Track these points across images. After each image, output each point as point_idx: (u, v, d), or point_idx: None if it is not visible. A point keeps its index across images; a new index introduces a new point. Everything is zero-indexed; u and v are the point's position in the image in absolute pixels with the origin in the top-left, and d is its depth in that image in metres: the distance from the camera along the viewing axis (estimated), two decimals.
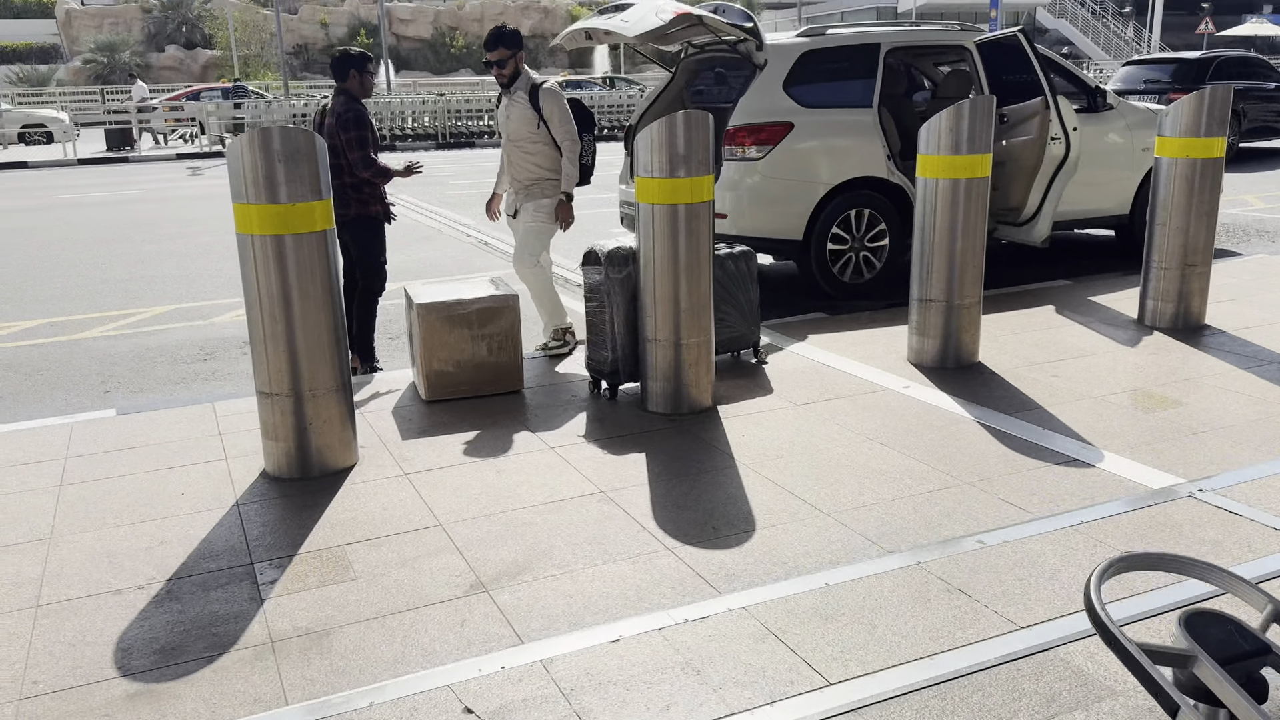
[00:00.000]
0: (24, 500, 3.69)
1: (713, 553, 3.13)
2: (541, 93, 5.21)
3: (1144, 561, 1.89)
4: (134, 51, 44.65)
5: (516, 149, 5.31)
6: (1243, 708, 1.69)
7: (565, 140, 5.24)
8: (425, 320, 4.59)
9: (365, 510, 3.54)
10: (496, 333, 4.71)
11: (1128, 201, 7.75)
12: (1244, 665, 1.83)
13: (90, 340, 6.55)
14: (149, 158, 21.79)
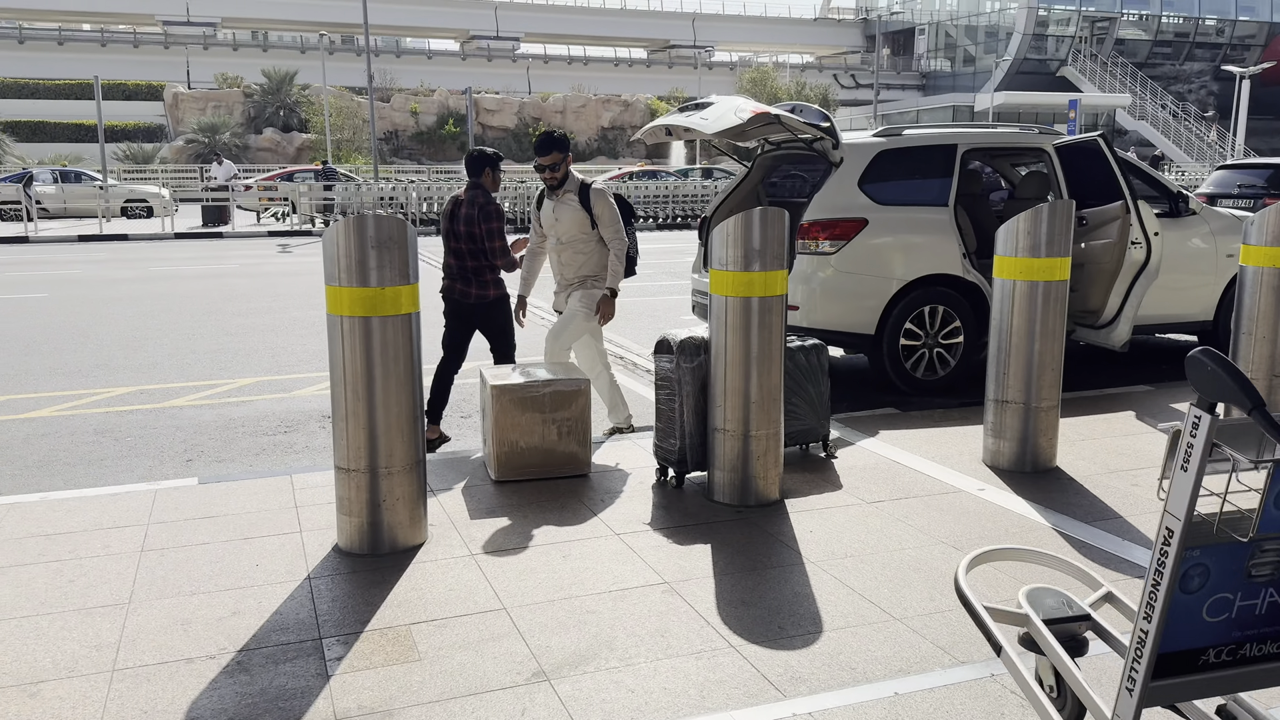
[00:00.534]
0: (106, 564, 3.80)
1: (778, 653, 3.08)
2: (592, 193, 5.39)
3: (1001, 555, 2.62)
4: (234, 133, 46.94)
5: (568, 249, 5.50)
6: (1057, 656, 2.29)
7: (614, 240, 5.45)
8: (498, 401, 4.67)
9: (432, 590, 3.57)
10: (567, 416, 4.77)
11: (1211, 307, 7.61)
12: (1068, 627, 2.40)
13: (177, 409, 6.79)
14: (242, 234, 22.74)
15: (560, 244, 5.50)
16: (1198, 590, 2.03)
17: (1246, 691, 2.13)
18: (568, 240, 5.47)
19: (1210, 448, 1.88)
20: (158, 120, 51.52)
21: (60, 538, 4.07)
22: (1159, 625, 1.99)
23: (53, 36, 57.92)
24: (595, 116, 53.69)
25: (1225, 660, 2.09)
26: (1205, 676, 2.08)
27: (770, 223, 4.26)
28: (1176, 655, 2.05)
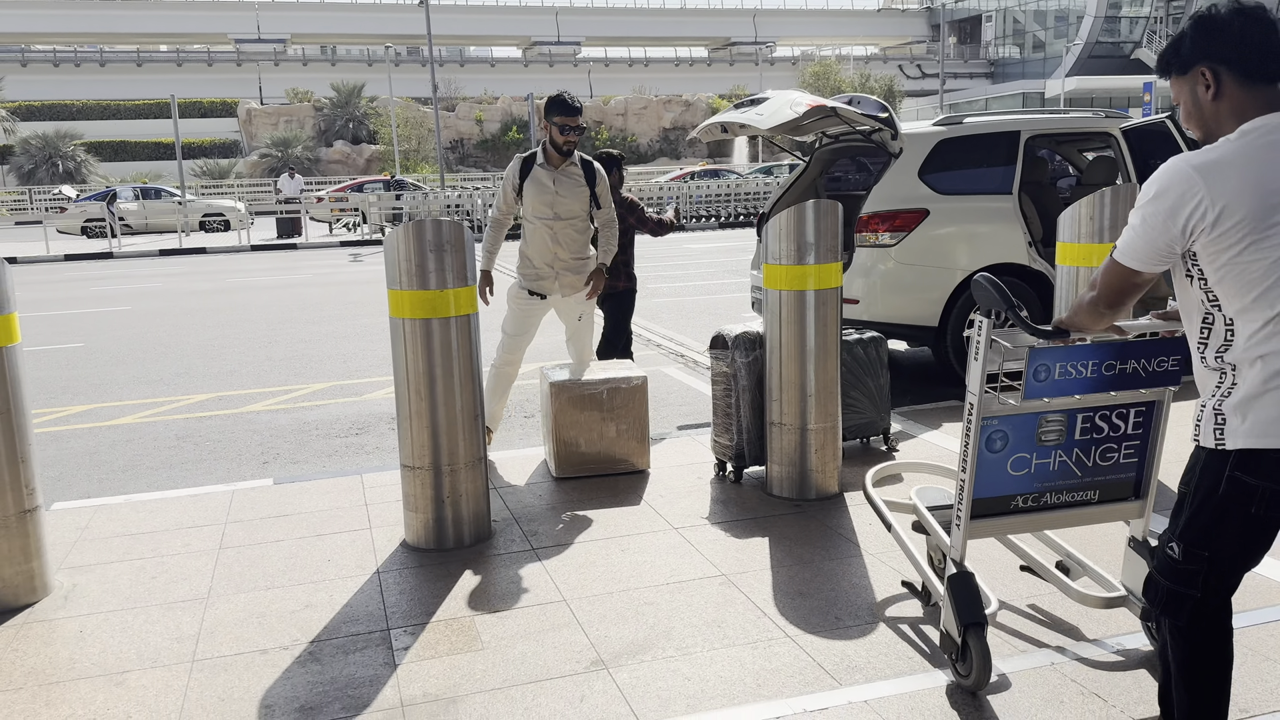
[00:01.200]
0: (187, 561, 3.97)
1: (834, 643, 3.10)
2: (598, 172, 5.15)
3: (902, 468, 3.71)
4: (305, 146, 48.13)
5: (568, 227, 5.09)
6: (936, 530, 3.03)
7: (612, 219, 5.25)
8: (557, 399, 4.75)
9: (495, 583, 3.66)
10: (625, 414, 4.83)
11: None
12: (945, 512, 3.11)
13: (254, 414, 7.02)
14: (315, 245, 23.31)
15: (557, 219, 5.06)
16: (1000, 450, 2.74)
17: (1052, 530, 2.97)
18: (567, 217, 5.08)
19: (990, 342, 2.60)
20: (232, 136, 53.11)
21: (144, 537, 4.25)
22: (971, 477, 2.69)
23: (131, 58, 60.08)
24: (656, 118, 53.79)
25: (1031, 505, 2.83)
26: (1014, 518, 2.83)
27: (823, 215, 4.26)
28: (990, 500, 2.79)
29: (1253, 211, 2.01)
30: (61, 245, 24.57)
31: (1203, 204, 2.04)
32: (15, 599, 3.57)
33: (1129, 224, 2.18)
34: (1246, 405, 2.06)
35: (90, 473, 5.68)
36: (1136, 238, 2.15)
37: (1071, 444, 2.79)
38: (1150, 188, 2.12)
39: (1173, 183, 2.08)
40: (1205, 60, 2.14)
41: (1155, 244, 2.13)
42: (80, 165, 47.46)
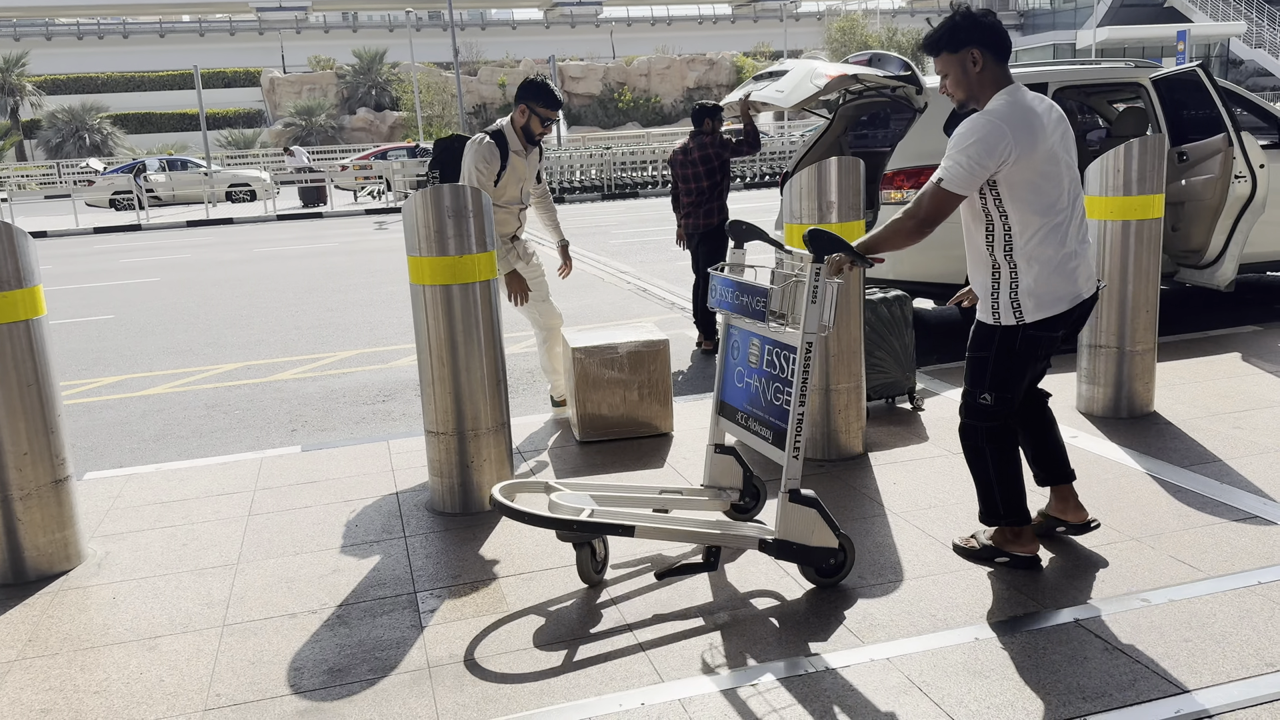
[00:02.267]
0: (217, 528, 4.03)
1: (859, 599, 3.10)
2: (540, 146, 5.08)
3: (519, 487, 3.56)
4: (328, 114, 48.14)
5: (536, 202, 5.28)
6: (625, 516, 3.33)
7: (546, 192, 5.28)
8: (580, 364, 4.75)
9: (520, 546, 3.69)
10: (647, 377, 4.82)
11: None
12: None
13: (282, 382, 7.08)
14: (340, 213, 23.38)
15: (522, 204, 5.05)
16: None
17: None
18: (535, 194, 5.21)
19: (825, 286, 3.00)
20: (256, 106, 53.19)
21: (175, 505, 4.32)
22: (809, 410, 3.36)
23: (154, 29, 60.15)
24: (680, 78, 53.27)
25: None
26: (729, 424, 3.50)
27: (845, 173, 4.21)
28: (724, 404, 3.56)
29: (1038, 153, 2.89)
30: (90, 218, 24.80)
31: (1010, 147, 2.86)
32: (50, 567, 3.64)
33: (955, 162, 2.89)
34: (1032, 291, 2.98)
35: (122, 442, 5.76)
36: (964, 173, 2.89)
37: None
38: (972, 135, 2.87)
39: (991, 132, 2.86)
40: (975, 44, 2.96)
41: (977, 177, 2.90)
42: (106, 138, 47.78)
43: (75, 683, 2.87)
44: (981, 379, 3.12)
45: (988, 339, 3.10)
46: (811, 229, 2.98)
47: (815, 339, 3.00)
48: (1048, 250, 2.96)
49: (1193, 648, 2.71)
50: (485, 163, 4.75)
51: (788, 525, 3.09)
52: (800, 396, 3.03)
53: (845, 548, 3.15)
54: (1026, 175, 2.90)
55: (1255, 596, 2.97)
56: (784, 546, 3.11)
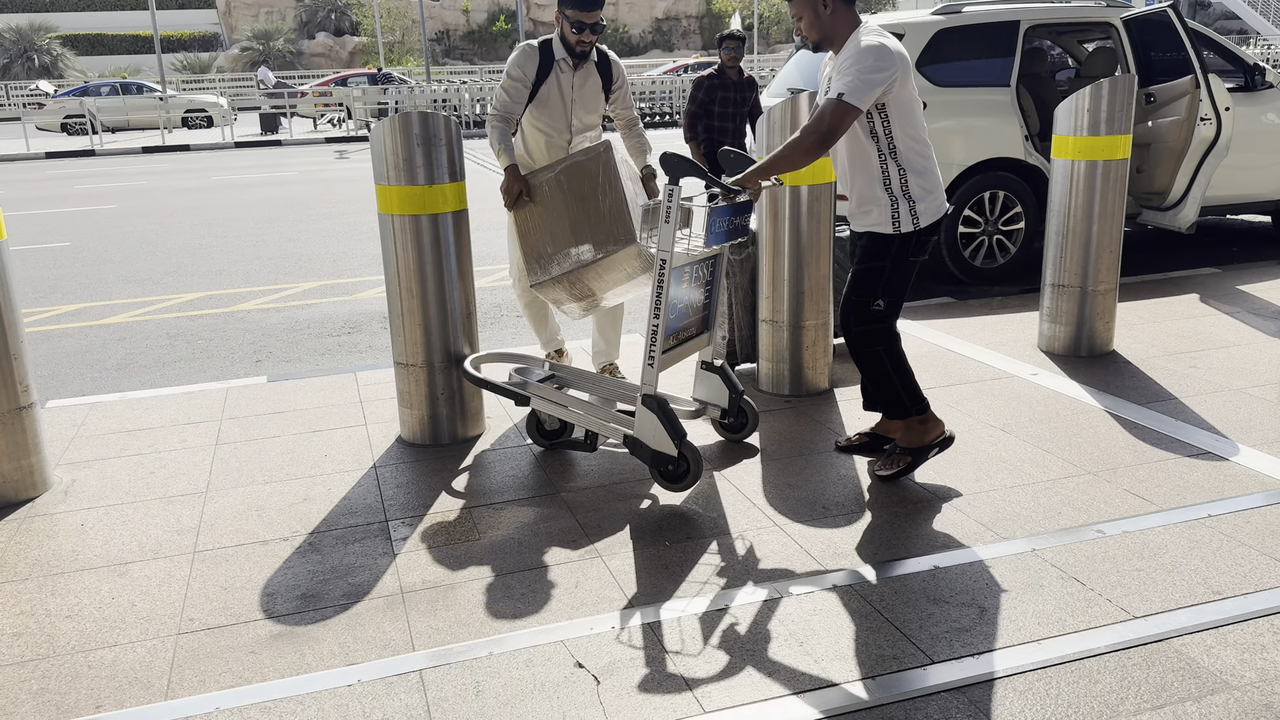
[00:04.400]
0: (184, 457, 4.02)
1: (821, 531, 3.17)
2: (614, 60, 4.39)
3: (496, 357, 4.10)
4: (287, 39, 46.83)
5: (583, 136, 4.42)
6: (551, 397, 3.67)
7: (635, 119, 4.50)
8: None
9: (490, 477, 3.72)
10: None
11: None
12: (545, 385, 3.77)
13: (245, 313, 7.00)
14: (300, 141, 22.89)
15: (580, 126, 4.36)
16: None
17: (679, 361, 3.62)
18: (588, 123, 4.38)
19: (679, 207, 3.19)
20: (212, 28, 51.57)
21: (140, 434, 4.29)
22: (664, 322, 3.29)
23: None
24: (648, 7, 52.31)
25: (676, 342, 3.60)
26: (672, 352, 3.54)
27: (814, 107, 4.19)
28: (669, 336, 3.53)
29: (910, 79, 3.23)
30: (42, 143, 24.08)
31: (896, 70, 3.16)
32: (15, 494, 3.62)
33: (853, 78, 3.12)
34: (923, 198, 3.30)
35: (83, 371, 5.69)
36: (864, 86, 3.12)
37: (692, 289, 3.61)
38: (866, 57, 3.13)
39: (881, 54, 3.14)
40: None
41: (873, 91, 3.14)
42: (56, 59, 46.16)
43: (46, 607, 2.88)
44: (875, 286, 3.40)
45: (884, 248, 3.37)
46: (664, 152, 3.26)
47: (669, 257, 3.22)
48: (928, 163, 3.33)
49: (1144, 577, 2.81)
50: (518, 66, 4.17)
51: (638, 425, 3.41)
52: (655, 309, 3.27)
53: (687, 456, 3.37)
54: (906, 97, 3.24)
55: (1205, 528, 3.08)
56: (636, 444, 3.42)
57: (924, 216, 3.32)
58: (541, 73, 4.19)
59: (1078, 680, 2.37)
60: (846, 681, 2.40)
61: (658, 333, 3.29)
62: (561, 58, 4.21)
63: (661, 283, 3.25)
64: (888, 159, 3.31)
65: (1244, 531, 3.05)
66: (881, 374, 3.48)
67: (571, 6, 4.05)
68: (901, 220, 3.32)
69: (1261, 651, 2.44)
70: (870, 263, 3.40)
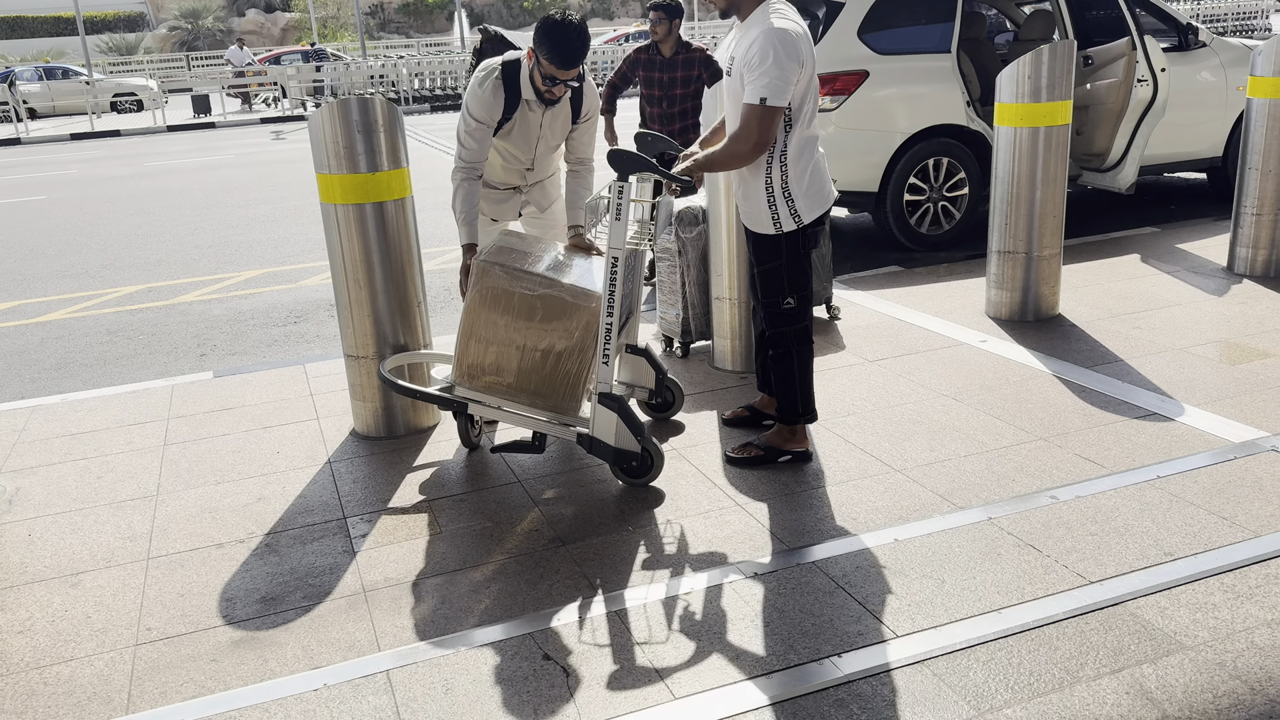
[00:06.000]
0: (132, 459, 3.93)
1: (783, 509, 3.19)
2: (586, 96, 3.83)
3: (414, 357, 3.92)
4: (216, 17, 45.62)
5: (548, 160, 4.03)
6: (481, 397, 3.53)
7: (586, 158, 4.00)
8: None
9: (449, 469, 3.68)
10: None
11: (1220, 143, 7.46)
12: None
13: (186, 305, 6.85)
14: (234, 122, 22.36)
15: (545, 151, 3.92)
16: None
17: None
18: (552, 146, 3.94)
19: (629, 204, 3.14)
20: (137, 8, 50.04)
21: (85, 436, 4.18)
22: (616, 320, 3.23)
23: None
24: None
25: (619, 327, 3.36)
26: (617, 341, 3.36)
27: None
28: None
29: (807, 67, 3.09)
30: None
31: (805, 60, 3.07)
32: None
33: (771, 79, 2.99)
34: (805, 194, 3.23)
35: (21, 372, 5.53)
36: (782, 84, 3.01)
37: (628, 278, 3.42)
38: (771, 51, 2.99)
39: (787, 45, 3.00)
40: None
41: (790, 86, 3.03)
42: None
43: None
44: (780, 286, 3.34)
45: (774, 249, 3.31)
46: (611, 149, 3.14)
47: (621, 254, 3.15)
48: (809, 155, 3.23)
49: (1098, 541, 2.87)
50: (483, 109, 3.59)
51: (596, 424, 3.34)
52: (608, 307, 3.21)
53: (649, 451, 3.36)
54: (802, 87, 3.12)
55: (1154, 490, 3.15)
56: (594, 444, 3.36)
57: (805, 214, 3.25)
58: (506, 112, 3.67)
59: (1038, 648, 2.42)
60: (813, 659, 2.42)
61: (611, 331, 3.25)
62: (529, 99, 3.66)
63: (614, 281, 3.19)
64: (774, 157, 3.20)
65: (1192, 491, 3.12)
66: (787, 375, 3.43)
67: (549, 59, 3.44)
68: (782, 221, 3.25)
69: (1213, 610, 2.51)
70: (765, 264, 3.34)
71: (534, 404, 3.45)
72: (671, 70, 6.08)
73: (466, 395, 3.50)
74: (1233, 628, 2.44)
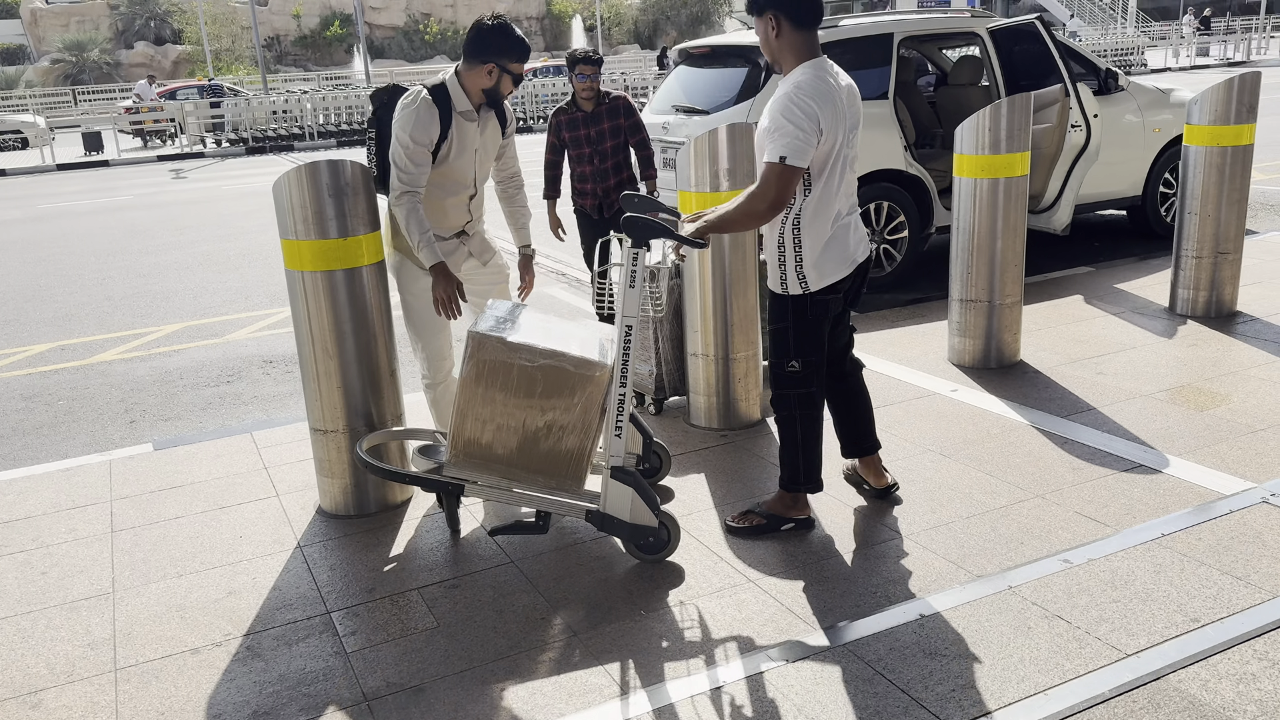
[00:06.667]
0: (78, 550, 3.60)
1: (796, 583, 3.09)
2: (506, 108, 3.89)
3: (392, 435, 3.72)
4: (102, 49, 44.02)
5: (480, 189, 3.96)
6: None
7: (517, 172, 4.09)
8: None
9: (432, 549, 3.48)
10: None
11: (1140, 182, 7.73)
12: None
13: (106, 364, 6.44)
14: (129, 160, 21.48)
15: (483, 176, 3.91)
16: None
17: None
18: (489, 170, 3.95)
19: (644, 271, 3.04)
20: (17, 40, 47.90)
21: (20, 524, 3.84)
22: (629, 390, 3.09)
23: None
24: (487, 8, 51.56)
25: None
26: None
27: (738, 139, 4.12)
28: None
29: (837, 130, 3.02)
30: None
31: (830, 125, 3.00)
32: None
33: (791, 137, 2.94)
34: (815, 263, 3.14)
35: None
36: (802, 144, 2.96)
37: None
38: (793, 109, 2.95)
39: (810, 109, 2.95)
40: (773, 8, 3.06)
41: (811, 146, 2.98)
42: None
43: None
44: (786, 348, 3.27)
45: (782, 309, 3.26)
46: (627, 216, 3.01)
47: (635, 323, 3.04)
48: (824, 221, 3.13)
49: (1123, 608, 2.84)
50: (421, 129, 3.53)
51: (609, 500, 3.18)
52: (621, 378, 3.08)
53: (666, 525, 3.23)
54: (825, 150, 3.04)
55: (1163, 550, 3.15)
56: (607, 520, 3.20)
57: (813, 281, 3.16)
58: (443, 130, 3.60)
59: None
60: None
61: (624, 401, 3.10)
62: (464, 110, 3.65)
63: (627, 350, 3.06)
64: (788, 218, 3.15)
65: (1199, 550, 3.13)
66: (789, 440, 3.34)
67: (514, 59, 3.60)
68: (789, 283, 3.20)
69: (1254, 681, 2.49)
70: (776, 323, 3.30)
71: (535, 482, 3.28)
72: (598, 124, 5.70)
73: (462, 476, 3.30)
74: (1278, 700, 2.42)
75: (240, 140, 22.78)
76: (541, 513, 3.30)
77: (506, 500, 3.31)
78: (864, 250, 3.26)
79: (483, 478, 3.29)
